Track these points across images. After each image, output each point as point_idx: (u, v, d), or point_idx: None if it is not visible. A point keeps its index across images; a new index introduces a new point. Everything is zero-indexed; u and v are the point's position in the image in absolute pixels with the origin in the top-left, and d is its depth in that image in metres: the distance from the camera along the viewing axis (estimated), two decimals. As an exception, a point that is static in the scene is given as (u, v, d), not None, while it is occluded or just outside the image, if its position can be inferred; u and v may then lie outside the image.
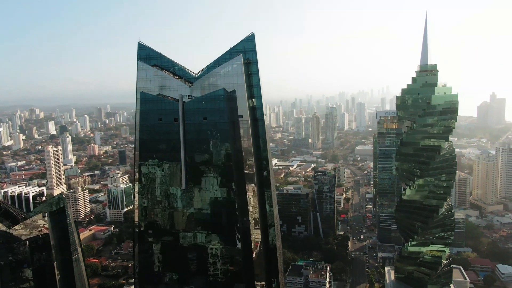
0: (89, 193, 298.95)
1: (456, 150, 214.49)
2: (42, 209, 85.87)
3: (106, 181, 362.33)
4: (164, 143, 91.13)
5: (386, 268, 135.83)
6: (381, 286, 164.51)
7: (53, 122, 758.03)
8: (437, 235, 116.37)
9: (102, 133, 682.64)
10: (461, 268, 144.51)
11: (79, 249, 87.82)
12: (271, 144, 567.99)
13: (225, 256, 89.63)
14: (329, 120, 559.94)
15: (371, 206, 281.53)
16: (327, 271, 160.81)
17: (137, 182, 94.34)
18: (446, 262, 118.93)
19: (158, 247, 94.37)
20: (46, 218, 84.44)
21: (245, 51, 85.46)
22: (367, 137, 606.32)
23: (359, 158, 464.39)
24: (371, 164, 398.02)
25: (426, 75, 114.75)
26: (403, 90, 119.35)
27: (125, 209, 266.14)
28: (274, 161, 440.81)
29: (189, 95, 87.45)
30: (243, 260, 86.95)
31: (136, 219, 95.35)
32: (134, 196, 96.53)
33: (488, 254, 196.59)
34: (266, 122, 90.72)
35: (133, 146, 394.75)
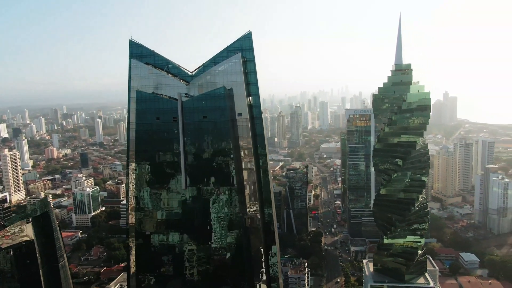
0: (52, 198, 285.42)
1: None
2: (26, 214, 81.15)
3: (69, 185, 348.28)
4: (162, 142, 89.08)
5: (364, 261, 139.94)
6: (356, 279, 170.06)
7: (4, 124, 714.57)
8: (412, 227, 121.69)
9: (60, 135, 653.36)
10: (430, 257, 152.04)
11: (65, 255, 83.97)
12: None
13: (225, 255, 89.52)
14: (294, 119, 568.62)
15: (339, 202, 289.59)
16: (305, 266, 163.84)
17: (132, 183, 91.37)
18: (421, 252, 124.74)
19: (157, 249, 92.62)
20: (30, 224, 79.95)
21: (242, 49, 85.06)
22: (330, 135, 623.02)
23: (324, 156, 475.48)
24: (337, 161, 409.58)
25: (401, 74, 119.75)
26: (379, 88, 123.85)
27: (93, 214, 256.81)
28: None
29: (186, 94, 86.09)
30: (244, 258, 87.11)
31: (132, 221, 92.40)
32: (128, 198, 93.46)
33: (451, 244, 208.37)
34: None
35: (95, 148, 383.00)
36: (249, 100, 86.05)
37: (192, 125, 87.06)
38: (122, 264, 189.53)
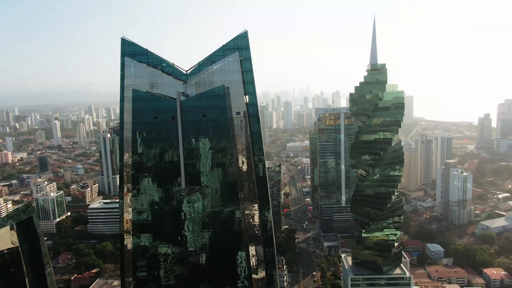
0: (11, 204, 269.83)
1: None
2: (9, 220, 76.42)
3: (27, 191, 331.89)
4: (160, 142, 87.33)
5: (342, 255, 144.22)
6: (332, 273, 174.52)
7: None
8: (389, 221, 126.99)
9: (13, 138, 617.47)
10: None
11: (50, 262, 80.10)
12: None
13: (226, 254, 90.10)
14: (260, 119, 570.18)
15: (309, 200, 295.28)
16: (283, 263, 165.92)
17: (128, 185, 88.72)
18: (397, 244, 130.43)
19: (156, 250, 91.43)
20: (14, 231, 75.58)
21: (238, 48, 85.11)
22: (295, 134, 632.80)
23: (291, 155, 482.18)
24: (304, 160, 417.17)
25: (377, 73, 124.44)
26: (356, 87, 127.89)
27: (58, 219, 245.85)
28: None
29: (183, 93, 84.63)
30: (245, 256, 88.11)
31: (128, 224, 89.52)
32: (122, 200, 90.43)
33: (417, 236, 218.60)
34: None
35: (53, 151, 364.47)
36: (246, 99, 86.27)
37: (191, 124, 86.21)
38: (94, 271, 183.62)
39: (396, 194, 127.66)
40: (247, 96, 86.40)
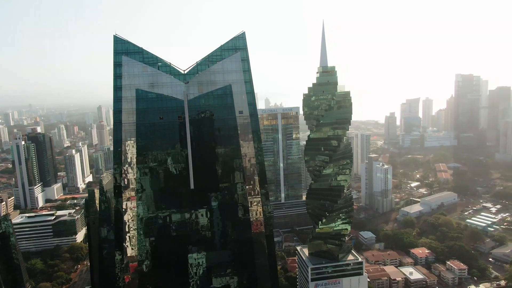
0: None
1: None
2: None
3: None
4: (167, 142, 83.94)
5: (298, 248, 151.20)
6: (281, 267, 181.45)
7: None
8: (342, 212, 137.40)
9: None
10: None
11: (29, 281, 71.96)
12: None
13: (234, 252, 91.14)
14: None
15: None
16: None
17: (131, 185, 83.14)
18: (348, 232, 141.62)
19: (162, 253, 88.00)
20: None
21: (236, 49, 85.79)
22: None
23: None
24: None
25: (328, 75, 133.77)
26: (309, 88, 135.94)
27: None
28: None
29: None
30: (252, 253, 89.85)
31: (132, 227, 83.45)
32: (119, 204, 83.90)
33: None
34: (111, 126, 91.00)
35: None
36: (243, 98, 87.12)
37: (198, 123, 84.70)
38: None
39: (347, 187, 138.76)
40: (244, 96, 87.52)
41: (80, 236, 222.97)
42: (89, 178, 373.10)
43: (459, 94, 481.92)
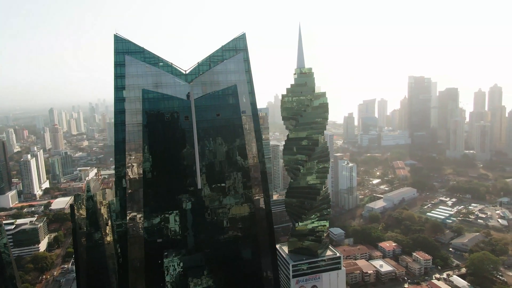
0: None
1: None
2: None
3: None
4: (174, 142, 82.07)
5: (278, 246, 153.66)
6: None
7: None
8: (320, 210, 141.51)
9: None
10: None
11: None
12: (80, 153, 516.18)
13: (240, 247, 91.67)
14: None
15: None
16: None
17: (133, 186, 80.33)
18: (326, 230, 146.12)
19: (172, 256, 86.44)
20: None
21: (236, 49, 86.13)
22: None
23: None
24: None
25: (305, 76, 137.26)
26: (287, 90, 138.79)
27: None
28: (94, 171, 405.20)
29: (188, 93, 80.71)
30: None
31: (137, 228, 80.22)
32: (119, 205, 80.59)
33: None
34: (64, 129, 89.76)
35: None
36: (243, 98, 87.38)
37: (205, 123, 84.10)
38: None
39: (325, 186, 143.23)
40: (246, 96, 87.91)
41: (43, 245, 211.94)
42: (46, 184, 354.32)
43: (412, 95, 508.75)
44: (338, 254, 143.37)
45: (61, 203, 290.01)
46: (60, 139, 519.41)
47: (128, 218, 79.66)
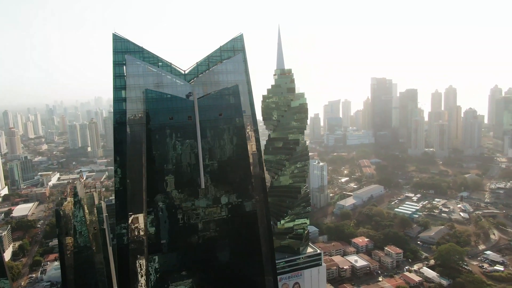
0: None
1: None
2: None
3: None
4: (178, 142, 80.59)
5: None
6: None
7: None
8: (300, 209, 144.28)
9: None
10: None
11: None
12: (40, 157, 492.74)
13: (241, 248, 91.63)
14: (108, 126, 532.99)
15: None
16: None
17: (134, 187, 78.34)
18: (307, 228, 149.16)
19: (175, 257, 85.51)
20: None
21: (234, 50, 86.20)
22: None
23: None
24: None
25: (285, 77, 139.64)
26: (268, 90, 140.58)
27: None
28: (56, 175, 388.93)
29: (190, 93, 79.66)
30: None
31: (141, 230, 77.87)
32: (119, 207, 77.85)
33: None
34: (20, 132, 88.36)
35: None
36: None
37: (207, 123, 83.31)
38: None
39: (305, 186, 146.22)
40: (246, 96, 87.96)
41: (7, 254, 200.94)
42: (5, 191, 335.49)
43: (374, 95, 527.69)
44: (318, 251, 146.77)
45: (23, 209, 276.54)
46: (17, 142, 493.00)
47: (130, 221, 77.86)
